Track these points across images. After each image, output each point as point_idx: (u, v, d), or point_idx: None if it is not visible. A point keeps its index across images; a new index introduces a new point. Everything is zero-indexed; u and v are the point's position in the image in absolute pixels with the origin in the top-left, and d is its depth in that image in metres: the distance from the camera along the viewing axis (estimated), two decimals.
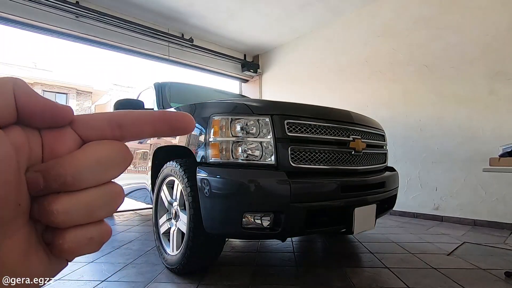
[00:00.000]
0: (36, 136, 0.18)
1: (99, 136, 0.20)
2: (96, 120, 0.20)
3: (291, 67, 5.36)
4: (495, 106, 2.93)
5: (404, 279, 1.61)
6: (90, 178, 0.18)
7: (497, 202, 2.89)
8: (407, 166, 3.54)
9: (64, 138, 0.19)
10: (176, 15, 4.42)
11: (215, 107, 1.60)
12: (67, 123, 0.19)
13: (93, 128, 0.20)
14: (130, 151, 0.20)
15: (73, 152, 0.18)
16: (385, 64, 3.88)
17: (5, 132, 0.16)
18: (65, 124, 0.19)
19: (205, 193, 1.43)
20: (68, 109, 0.19)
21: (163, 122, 0.20)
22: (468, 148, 3.09)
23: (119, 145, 0.20)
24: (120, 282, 1.62)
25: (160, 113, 0.21)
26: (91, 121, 0.20)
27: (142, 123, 0.20)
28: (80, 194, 0.18)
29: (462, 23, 3.18)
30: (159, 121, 0.20)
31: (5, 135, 0.16)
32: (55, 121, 0.19)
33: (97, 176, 0.18)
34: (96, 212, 0.19)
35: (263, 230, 1.38)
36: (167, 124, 0.21)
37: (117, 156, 0.19)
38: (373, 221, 1.71)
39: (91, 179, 0.18)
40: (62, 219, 0.17)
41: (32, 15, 3.58)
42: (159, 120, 0.20)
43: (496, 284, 1.57)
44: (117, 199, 0.20)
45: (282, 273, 1.76)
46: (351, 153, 1.68)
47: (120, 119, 0.20)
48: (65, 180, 0.17)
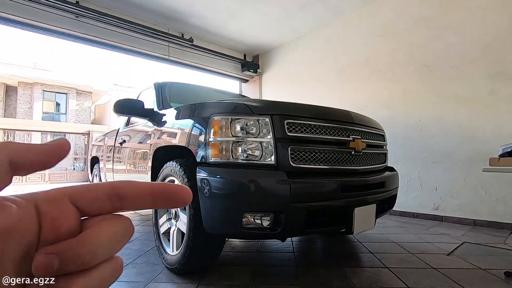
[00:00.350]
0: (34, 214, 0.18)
1: (99, 209, 0.20)
2: (95, 193, 0.20)
3: (291, 67, 5.36)
4: (495, 106, 2.93)
5: (404, 279, 1.61)
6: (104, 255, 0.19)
7: (497, 202, 2.89)
8: (407, 166, 3.54)
9: (65, 214, 0.19)
10: (176, 15, 4.42)
11: (215, 107, 1.60)
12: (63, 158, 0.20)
13: (93, 201, 0.20)
14: (132, 224, 0.21)
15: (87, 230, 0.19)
16: (385, 64, 3.88)
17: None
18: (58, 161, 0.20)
19: (205, 193, 1.43)
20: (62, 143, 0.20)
21: (163, 196, 0.21)
22: (468, 148, 3.09)
23: (126, 220, 0.21)
24: (120, 282, 1.62)
25: (160, 187, 0.21)
26: (89, 193, 0.20)
27: (142, 196, 0.21)
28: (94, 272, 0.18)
29: (462, 23, 3.18)
30: (158, 195, 0.21)
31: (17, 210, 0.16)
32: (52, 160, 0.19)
33: (109, 251, 0.19)
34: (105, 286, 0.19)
35: (263, 230, 1.38)
36: (166, 198, 0.21)
37: (125, 230, 0.20)
38: (373, 221, 1.71)
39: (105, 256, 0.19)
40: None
41: (32, 15, 3.58)
42: (159, 194, 0.21)
43: (496, 284, 1.57)
44: (120, 271, 0.20)
45: (282, 273, 1.76)
46: (351, 153, 1.68)
47: (120, 192, 0.20)
48: (84, 260, 0.17)
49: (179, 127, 1.84)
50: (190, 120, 1.72)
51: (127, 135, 2.79)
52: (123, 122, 3.08)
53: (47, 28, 3.75)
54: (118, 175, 2.87)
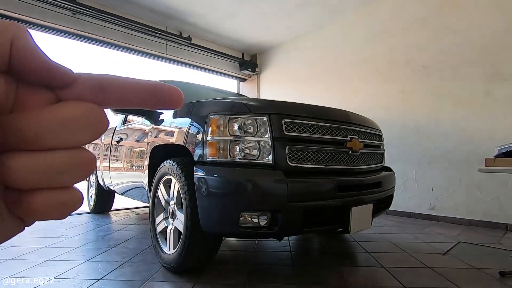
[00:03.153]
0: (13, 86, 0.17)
1: (77, 96, 0.18)
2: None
3: (289, 67, 5.36)
4: (491, 107, 2.95)
5: (399, 278, 1.62)
6: (54, 138, 0.16)
7: (492, 202, 2.91)
8: (404, 166, 3.56)
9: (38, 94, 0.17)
10: (174, 13, 4.40)
11: (213, 106, 1.60)
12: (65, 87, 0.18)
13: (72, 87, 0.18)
14: (106, 116, 0.18)
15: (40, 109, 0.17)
16: (383, 64, 3.89)
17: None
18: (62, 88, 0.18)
19: (202, 192, 1.43)
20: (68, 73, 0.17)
21: (151, 94, 0.19)
22: (464, 148, 3.12)
23: (94, 108, 0.18)
24: (116, 280, 1.62)
25: (148, 83, 0.19)
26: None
27: (127, 90, 0.18)
28: (42, 154, 0.16)
29: (460, 24, 3.20)
30: (146, 92, 0.19)
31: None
32: (51, 84, 0.17)
33: (63, 137, 0.17)
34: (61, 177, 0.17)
35: (260, 229, 1.39)
36: (154, 96, 0.19)
37: (90, 119, 0.17)
38: (369, 220, 1.72)
39: (56, 140, 0.16)
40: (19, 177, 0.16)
41: (28, 12, 3.54)
42: (146, 91, 0.19)
43: (490, 283, 1.58)
44: (86, 166, 0.18)
45: (279, 272, 1.77)
46: (348, 152, 1.68)
47: (103, 82, 0.18)
48: (25, 135, 0.16)
49: (177, 126, 1.83)
50: (187, 118, 1.72)
51: (124, 133, 2.77)
52: (120, 120, 3.07)
53: (43, 25, 3.71)
54: (115, 173, 2.86)
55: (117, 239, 2.49)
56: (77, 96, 0.18)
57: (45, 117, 0.16)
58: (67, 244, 2.33)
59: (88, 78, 0.18)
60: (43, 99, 0.17)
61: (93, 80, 0.18)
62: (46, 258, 1.98)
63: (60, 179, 0.17)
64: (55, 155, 0.17)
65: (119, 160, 2.75)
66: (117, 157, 2.81)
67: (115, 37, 4.27)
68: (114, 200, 3.87)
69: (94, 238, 2.53)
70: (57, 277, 1.65)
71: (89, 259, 1.97)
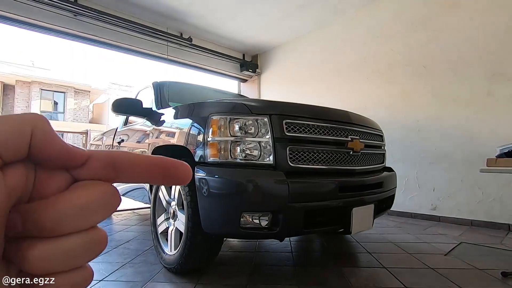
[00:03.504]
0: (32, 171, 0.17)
1: (92, 175, 0.18)
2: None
3: (290, 67, 5.36)
4: (493, 107, 2.95)
5: (401, 279, 1.62)
6: (71, 224, 0.17)
7: (494, 203, 2.90)
8: (405, 167, 3.55)
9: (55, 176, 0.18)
10: (175, 14, 4.41)
11: (213, 107, 1.60)
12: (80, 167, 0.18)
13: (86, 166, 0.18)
14: (119, 195, 0.19)
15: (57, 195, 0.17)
16: (383, 64, 3.89)
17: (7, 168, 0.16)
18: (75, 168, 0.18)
19: (203, 192, 1.43)
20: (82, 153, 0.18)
21: (160, 170, 0.20)
22: (466, 149, 3.11)
23: (108, 188, 0.18)
24: (117, 281, 1.62)
25: (158, 159, 0.20)
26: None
27: (138, 167, 0.19)
28: (59, 241, 0.17)
29: (460, 24, 3.19)
30: (156, 168, 0.19)
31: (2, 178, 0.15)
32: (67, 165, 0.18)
33: (80, 222, 0.17)
34: (76, 260, 0.18)
35: (261, 230, 1.38)
36: (164, 172, 0.20)
37: (104, 200, 0.18)
38: (371, 221, 1.71)
39: (73, 225, 0.17)
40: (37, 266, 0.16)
41: (30, 13, 3.56)
42: (156, 167, 0.19)
43: (493, 284, 1.58)
44: (99, 246, 0.18)
45: (280, 272, 1.77)
46: (349, 153, 1.68)
47: (115, 160, 0.19)
48: (44, 226, 0.16)
49: (178, 127, 1.84)
50: (188, 119, 1.72)
51: (126, 134, 2.78)
52: (121, 121, 3.07)
53: (45, 26, 3.73)
54: None
55: (119, 240, 2.49)
56: (92, 174, 0.18)
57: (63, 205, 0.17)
58: None
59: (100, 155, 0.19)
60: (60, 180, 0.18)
61: (105, 157, 0.19)
62: None
63: (75, 262, 0.18)
64: (73, 240, 0.17)
65: None
66: None
67: (116, 39, 4.28)
68: None
69: None
70: None
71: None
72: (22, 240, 0.16)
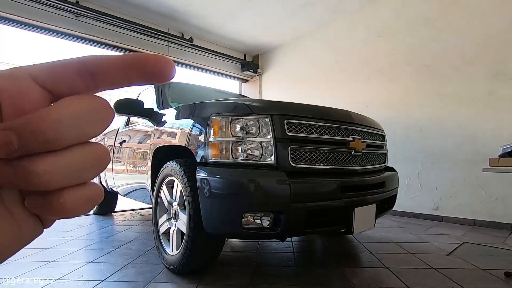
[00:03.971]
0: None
1: (71, 88, 0.17)
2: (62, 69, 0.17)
3: (291, 67, 5.36)
4: (495, 107, 2.93)
5: (403, 279, 1.61)
6: (72, 135, 0.16)
7: (497, 202, 2.89)
8: (407, 166, 3.54)
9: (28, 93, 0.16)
10: (176, 15, 4.41)
11: (215, 107, 1.60)
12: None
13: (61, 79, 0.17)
14: (111, 107, 0.18)
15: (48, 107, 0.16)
16: (385, 64, 3.88)
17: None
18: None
19: (205, 193, 1.43)
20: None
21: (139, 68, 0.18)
22: (468, 148, 3.09)
23: (99, 99, 0.17)
24: (119, 282, 1.62)
25: (131, 55, 0.18)
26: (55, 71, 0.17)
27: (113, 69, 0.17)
28: (65, 153, 0.16)
29: (462, 23, 3.18)
30: (130, 67, 0.17)
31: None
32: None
33: (79, 132, 0.16)
34: (84, 173, 0.17)
35: (263, 230, 1.38)
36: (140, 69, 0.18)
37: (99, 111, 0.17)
38: (372, 221, 1.71)
39: (73, 136, 0.16)
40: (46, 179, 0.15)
41: (31, 15, 3.57)
42: (130, 66, 0.17)
43: (496, 284, 1.57)
44: (102, 158, 0.18)
45: (282, 273, 1.76)
46: (351, 153, 1.68)
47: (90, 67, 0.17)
48: (47, 136, 0.15)
49: (179, 127, 1.84)
50: (190, 120, 1.72)
51: (127, 134, 2.78)
52: (123, 122, 3.08)
53: (46, 27, 3.75)
54: (118, 175, 2.87)
55: (120, 240, 2.50)
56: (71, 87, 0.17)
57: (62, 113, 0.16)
58: (71, 245, 2.34)
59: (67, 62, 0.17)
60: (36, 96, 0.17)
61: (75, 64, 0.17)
62: (50, 259, 1.99)
63: (81, 175, 0.17)
64: (77, 152, 0.17)
65: (122, 161, 2.76)
66: (120, 159, 2.82)
67: (118, 39, 4.29)
68: (117, 202, 3.89)
69: (97, 240, 2.54)
70: (60, 278, 1.66)
71: (93, 260, 1.97)
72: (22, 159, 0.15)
